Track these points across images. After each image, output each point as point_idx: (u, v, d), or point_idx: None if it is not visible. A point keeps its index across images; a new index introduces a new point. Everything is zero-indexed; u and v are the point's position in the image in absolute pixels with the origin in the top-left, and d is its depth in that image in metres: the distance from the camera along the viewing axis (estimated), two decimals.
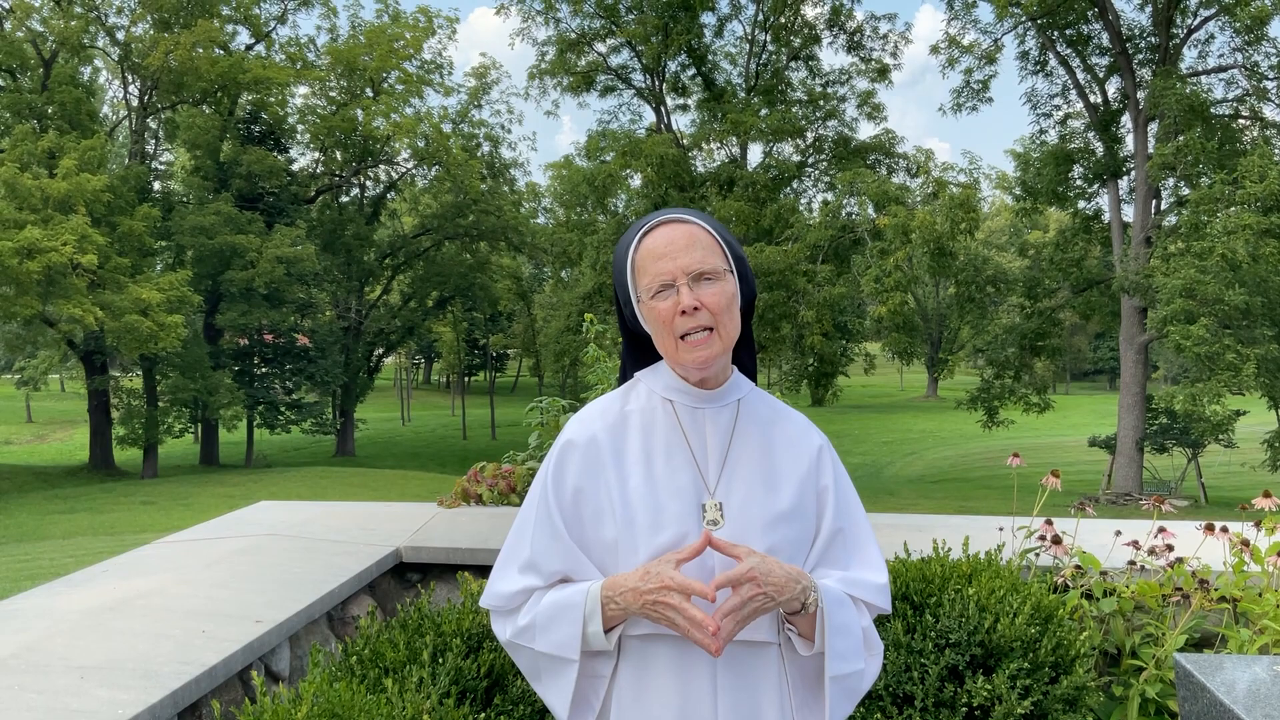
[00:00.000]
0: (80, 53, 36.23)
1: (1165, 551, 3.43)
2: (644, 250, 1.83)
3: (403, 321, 47.86)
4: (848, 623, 1.80)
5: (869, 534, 1.95)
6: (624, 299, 1.91)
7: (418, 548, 4.03)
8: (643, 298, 1.83)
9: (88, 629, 2.91)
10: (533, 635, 1.79)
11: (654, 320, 1.81)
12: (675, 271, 1.77)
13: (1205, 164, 27.75)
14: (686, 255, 1.78)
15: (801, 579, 1.73)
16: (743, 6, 35.94)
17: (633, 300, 1.87)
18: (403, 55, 42.62)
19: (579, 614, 1.73)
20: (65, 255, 28.46)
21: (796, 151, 36.01)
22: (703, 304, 1.76)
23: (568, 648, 1.74)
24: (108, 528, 20.14)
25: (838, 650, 1.77)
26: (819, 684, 1.81)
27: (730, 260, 1.85)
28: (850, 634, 1.80)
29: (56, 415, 61.46)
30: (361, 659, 2.74)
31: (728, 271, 1.82)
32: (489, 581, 1.90)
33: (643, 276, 1.82)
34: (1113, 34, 30.12)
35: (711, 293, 1.77)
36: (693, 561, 1.74)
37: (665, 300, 1.78)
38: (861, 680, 1.82)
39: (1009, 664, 2.95)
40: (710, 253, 1.80)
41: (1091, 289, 32.30)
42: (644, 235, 1.84)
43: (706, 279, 1.78)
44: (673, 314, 1.77)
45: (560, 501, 1.83)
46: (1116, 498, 28.26)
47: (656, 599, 1.66)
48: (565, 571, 1.81)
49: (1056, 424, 50.13)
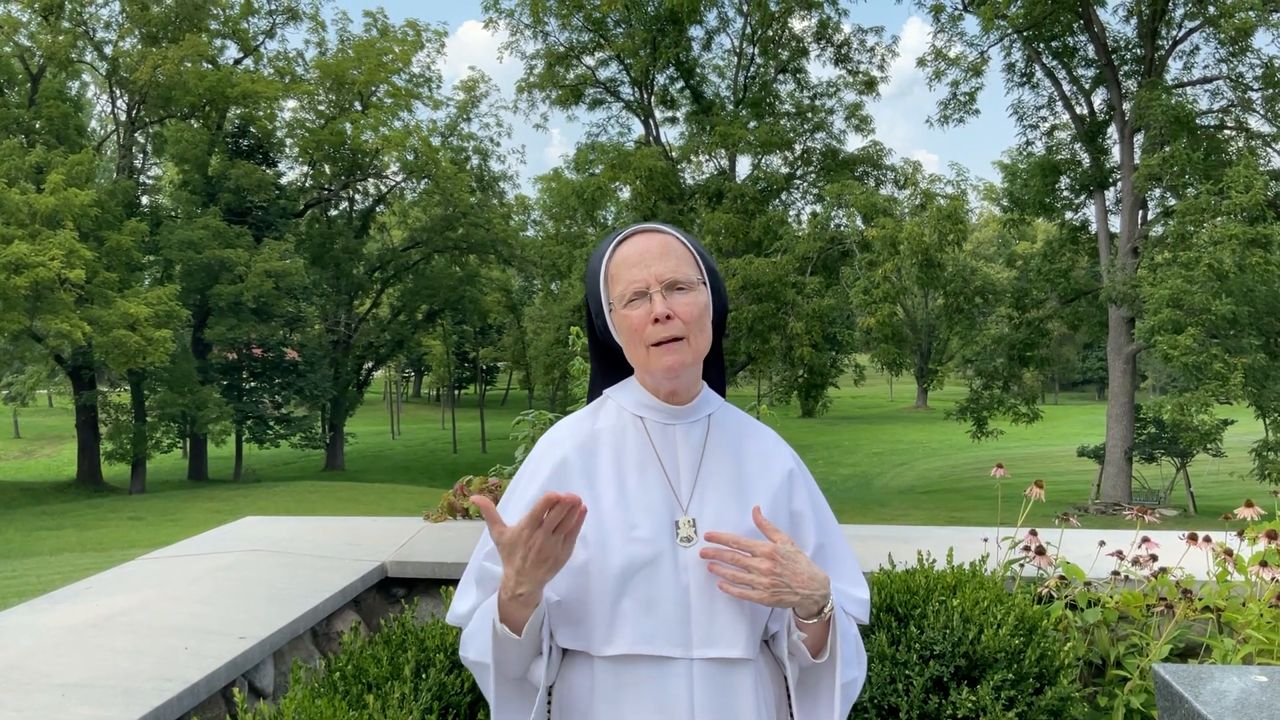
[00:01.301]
0: (68, 67, 36.23)
1: (1149, 561, 3.43)
2: (618, 259, 1.82)
3: (392, 335, 47.79)
4: (850, 630, 1.82)
5: (848, 549, 1.95)
6: (596, 309, 1.89)
7: (403, 562, 4.01)
8: (615, 306, 1.81)
9: (70, 646, 2.90)
10: (467, 645, 1.78)
11: (625, 329, 1.80)
12: (649, 279, 1.76)
13: (1191, 174, 27.92)
14: (660, 264, 1.77)
15: (825, 585, 1.73)
16: (730, 20, 36.20)
17: (605, 310, 1.86)
18: (391, 69, 42.68)
19: (489, 618, 1.70)
20: (53, 270, 28.39)
21: (785, 163, 36.14)
22: (675, 313, 1.75)
23: (484, 653, 1.71)
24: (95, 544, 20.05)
25: (845, 657, 1.78)
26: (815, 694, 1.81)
27: (704, 273, 1.84)
28: (851, 641, 1.82)
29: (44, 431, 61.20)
30: (344, 675, 2.73)
31: (701, 283, 1.81)
32: (452, 601, 1.89)
33: (615, 285, 1.81)
34: (1098, 46, 30.31)
35: (684, 302, 1.76)
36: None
37: (638, 309, 1.77)
38: (856, 688, 1.83)
39: (993, 675, 2.95)
40: (684, 263, 1.80)
41: (1079, 299, 32.41)
42: (618, 245, 1.84)
43: (679, 288, 1.77)
44: (645, 322, 1.76)
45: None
46: (1106, 507, 28.32)
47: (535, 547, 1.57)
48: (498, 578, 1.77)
49: (1045, 434, 50.28)
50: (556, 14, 35.07)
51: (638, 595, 1.72)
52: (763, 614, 1.81)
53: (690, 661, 1.74)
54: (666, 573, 1.74)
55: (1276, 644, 3.04)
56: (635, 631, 1.73)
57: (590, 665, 1.77)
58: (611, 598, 1.73)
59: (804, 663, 1.80)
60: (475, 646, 1.75)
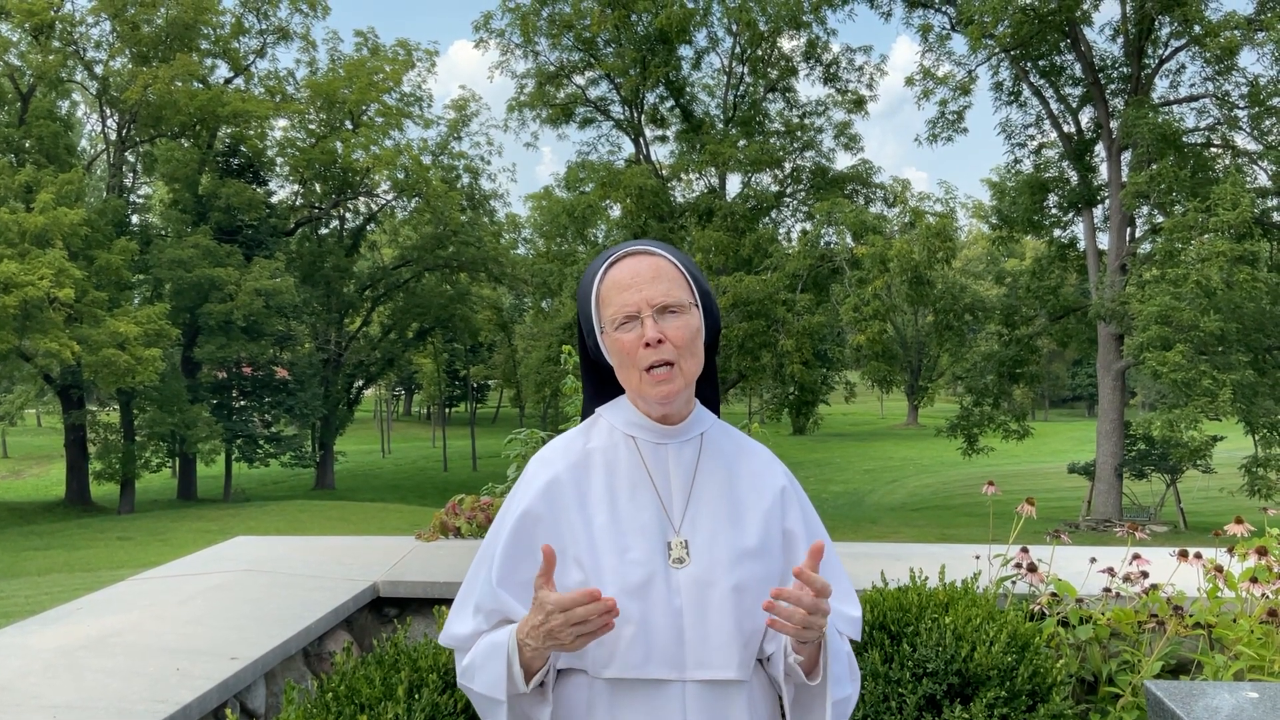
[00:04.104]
0: (58, 87, 36.22)
1: (1140, 578, 3.44)
2: (609, 281, 1.80)
3: (383, 353, 47.68)
4: (843, 648, 1.81)
5: (842, 569, 1.95)
6: (587, 329, 1.88)
7: (395, 582, 4.00)
8: (606, 329, 1.80)
9: (61, 667, 2.89)
10: (472, 675, 1.77)
11: (617, 352, 1.79)
12: (640, 303, 1.75)
13: (1178, 192, 28.08)
14: (652, 287, 1.76)
15: (827, 619, 1.70)
16: (720, 39, 36.31)
17: (596, 331, 1.85)
18: (382, 88, 42.74)
19: (504, 653, 1.69)
20: (42, 289, 28.32)
21: (775, 182, 36.29)
22: (666, 337, 1.74)
23: (496, 688, 1.71)
24: (84, 564, 19.94)
25: (837, 675, 1.76)
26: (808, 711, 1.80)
27: (696, 294, 1.83)
28: (844, 659, 1.80)
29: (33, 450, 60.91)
30: (337, 695, 2.71)
31: (693, 305, 1.80)
32: (447, 621, 1.88)
33: (607, 308, 1.79)
34: (1085, 65, 30.51)
35: (676, 326, 1.75)
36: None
37: (629, 332, 1.75)
38: (849, 705, 1.81)
39: (986, 692, 2.95)
40: (676, 285, 1.78)
41: (1068, 316, 32.51)
42: (609, 266, 1.82)
43: (671, 312, 1.76)
44: (636, 346, 1.74)
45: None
46: (1097, 524, 28.35)
47: (548, 627, 1.60)
48: (507, 613, 1.78)
49: (1036, 451, 50.34)
50: (547, 34, 35.21)
51: (631, 617, 1.71)
52: (758, 635, 1.80)
53: (684, 684, 1.73)
54: (659, 594, 1.74)
55: (1267, 660, 3.05)
56: (629, 655, 1.73)
57: (588, 683, 1.77)
58: None
59: (799, 682, 1.78)
60: (483, 680, 1.74)
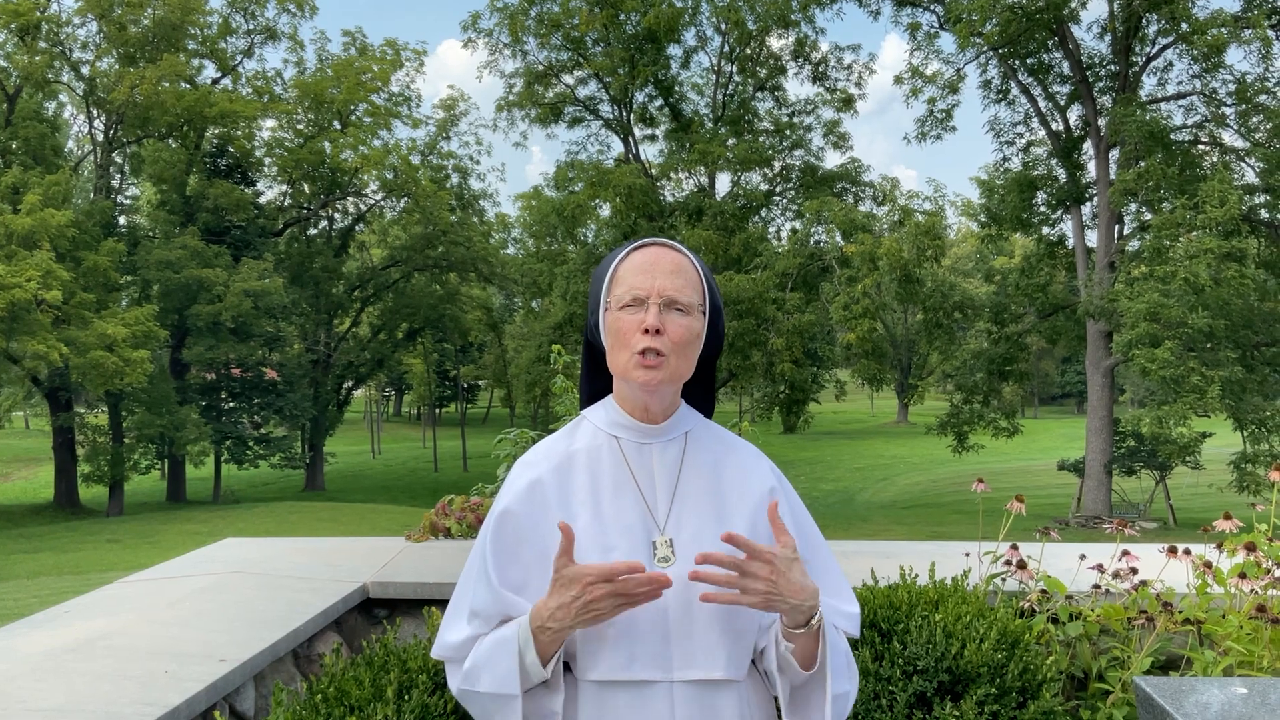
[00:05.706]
0: (44, 88, 36.04)
1: (1130, 575, 3.45)
2: (629, 262, 1.82)
3: (372, 354, 47.60)
4: (840, 643, 1.81)
5: (834, 564, 1.94)
6: (593, 307, 1.89)
7: (385, 583, 3.99)
8: (611, 307, 1.81)
9: (49, 671, 2.87)
10: (477, 677, 1.75)
11: (615, 331, 1.79)
12: (651, 290, 1.76)
13: (1166, 189, 28.16)
14: (667, 279, 1.77)
15: (815, 595, 1.71)
16: (709, 38, 36.32)
17: (600, 309, 1.86)
18: (370, 88, 42.67)
19: (514, 647, 1.69)
20: (29, 291, 28.19)
21: (764, 180, 36.28)
22: (665, 331, 1.75)
23: (508, 683, 1.70)
24: (73, 567, 19.86)
25: (836, 668, 1.76)
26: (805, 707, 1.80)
27: (706, 304, 1.85)
28: (842, 654, 1.80)
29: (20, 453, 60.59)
30: (326, 697, 2.70)
31: (700, 311, 1.82)
32: (439, 631, 1.87)
33: (618, 286, 1.81)
34: (1073, 63, 30.59)
35: (677, 324, 1.76)
36: None
37: (632, 314, 1.77)
38: (848, 702, 1.80)
39: (976, 689, 2.95)
40: (690, 286, 1.80)
41: (1057, 313, 32.58)
42: (635, 249, 1.84)
43: (678, 309, 1.77)
44: (635, 329, 1.75)
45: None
46: (1086, 521, 28.42)
47: (587, 599, 1.62)
48: (511, 613, 1.78)
49: (1026, 448, 50.47)
50: (535, 33, 35.17)
51: (616, 618, 1.71)
52: (748, 634, 1.80)
53: (671, 684, 1.73)
54: None
55: (1256, 655, 3.05)
56: (614, 656, 1.72)
57: (574, 685, 1.76)
58: None
59: (794, 678, 1.78)
60: (491, 679, 1.73)
